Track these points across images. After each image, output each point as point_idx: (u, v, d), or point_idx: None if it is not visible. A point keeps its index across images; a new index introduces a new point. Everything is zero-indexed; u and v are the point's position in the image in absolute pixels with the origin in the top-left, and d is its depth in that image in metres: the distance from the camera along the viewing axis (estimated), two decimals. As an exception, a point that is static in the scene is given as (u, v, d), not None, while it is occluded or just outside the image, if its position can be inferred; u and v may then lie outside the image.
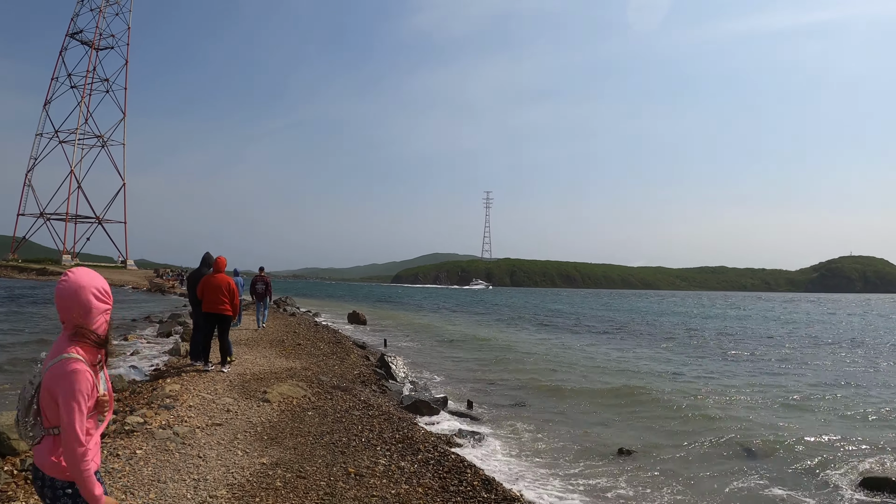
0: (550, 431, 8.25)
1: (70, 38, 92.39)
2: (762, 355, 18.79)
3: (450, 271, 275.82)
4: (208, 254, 9.76)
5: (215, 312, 9.14)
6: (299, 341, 14.70)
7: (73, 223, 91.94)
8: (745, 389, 12.16)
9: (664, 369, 15.20)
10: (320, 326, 19.69)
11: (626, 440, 7.91)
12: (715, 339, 24.73)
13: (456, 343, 20.15)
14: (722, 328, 31.20)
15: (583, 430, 8.43)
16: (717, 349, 20.54)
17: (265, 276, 16.81)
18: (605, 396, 11.12)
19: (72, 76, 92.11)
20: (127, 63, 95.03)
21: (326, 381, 9.08)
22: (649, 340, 23.72)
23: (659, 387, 12.05)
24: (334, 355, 12.30)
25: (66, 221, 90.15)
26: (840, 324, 37.05)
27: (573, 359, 16.78)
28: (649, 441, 8.00)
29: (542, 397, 11.01)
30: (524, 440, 7.74)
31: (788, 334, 27.81)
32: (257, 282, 16.70)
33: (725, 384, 12.89)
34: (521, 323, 33.63)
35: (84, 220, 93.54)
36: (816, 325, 34.93)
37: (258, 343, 14.06)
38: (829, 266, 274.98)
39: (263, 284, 16.56)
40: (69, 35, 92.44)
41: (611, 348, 20.40)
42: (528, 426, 8.44)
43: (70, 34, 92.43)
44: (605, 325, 32.73)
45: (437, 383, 11.77)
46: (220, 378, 8.90)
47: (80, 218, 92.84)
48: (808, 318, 43.43)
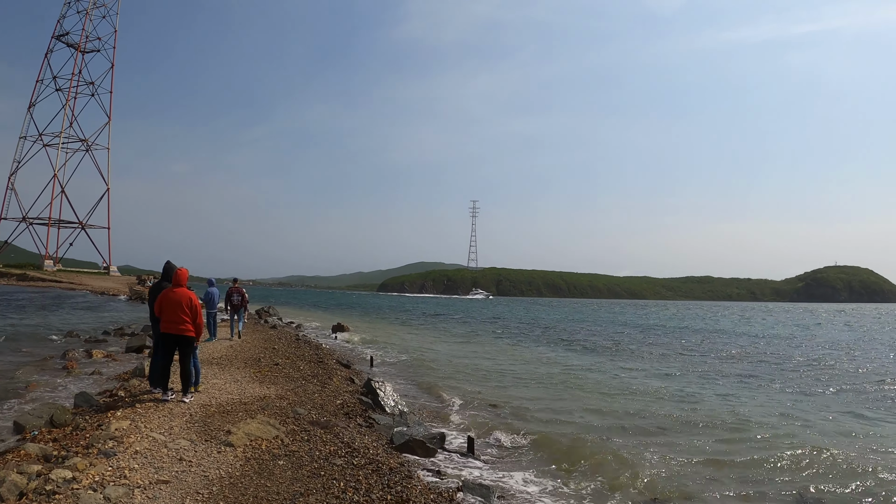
0: (577, 482, 7.00)
1: (56, 40, 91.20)
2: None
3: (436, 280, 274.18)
4: (169, 263, 8.48)
5: (175, 333, 7.86)
6: (277, 360, 13.39)
7: (55, 228, 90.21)
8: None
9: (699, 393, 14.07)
10: (302, 342, 18.35)
11: (661, 481, 6.73)
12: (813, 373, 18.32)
13: (453, 361, 18.71)
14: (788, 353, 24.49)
15: (612, 476, 7.17)
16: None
17: (240, 288, 16.87)
18: (649, 434, 9.76)
19: (57, 79, 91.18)
20: (113, 66, 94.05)
21: (304, 413, 7.81)
22: (682, 360, 20.91)
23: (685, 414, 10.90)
24: (315, 378, 11.01)
25: (48, 226, 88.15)
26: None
27: (598, 382, 15.15)
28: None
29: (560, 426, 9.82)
30: (544, 495, 6.49)
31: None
32: (232, 293, 16.72)
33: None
34: (526, 337, 31.51)
35: (67, 225, 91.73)
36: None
37: (232, 362, 12.74)
38: (815, 276, 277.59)
39: (238, 296, 16.62)
40: (55, 37, 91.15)
41: (642, 371, 17.88)
42: (545, 471, 7.22)
43: (56, 36, 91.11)
44: (623, 339, 30.44)
45: (431, 412, 10.53)
46: (179, 411, 7.61)
47: (63, 223, 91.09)
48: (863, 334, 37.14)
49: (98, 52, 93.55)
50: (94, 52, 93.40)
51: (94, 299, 46.72)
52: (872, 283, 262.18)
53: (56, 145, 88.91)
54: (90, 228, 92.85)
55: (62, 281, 67.76)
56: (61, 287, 62.51)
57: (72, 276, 75.62)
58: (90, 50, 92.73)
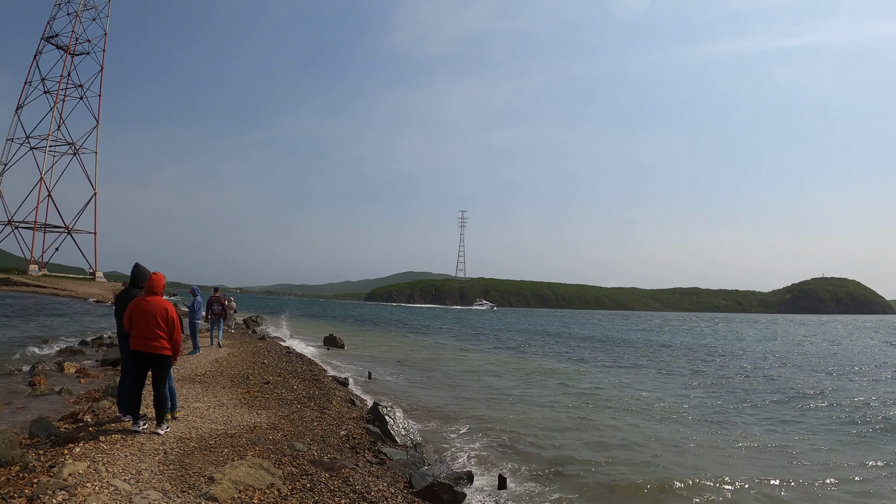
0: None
1: (45, 42, 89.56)
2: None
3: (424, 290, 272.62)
4: (139, 267, 7.14)
5: (147, 351, 6.52)
6: (268, 377, 12.04)
7: (41, 232, 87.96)
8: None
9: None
10: (293, 355, 16.97)
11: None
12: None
13: (460, 379, 17.22)
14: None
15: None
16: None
17: (221, 297, 17.09)
18: (684, 465, 8.70)
19: (45, 81, 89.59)
20: (102, 69, 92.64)
21: (303, 450, 6.51)
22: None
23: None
24: (312, 401, 9.67)
25: (34, 230, 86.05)
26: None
27: (618, 401, 13.96)
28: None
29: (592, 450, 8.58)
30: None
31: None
32: (213, 303, 16.83)
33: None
34: (536, 351, 29.47)
35: (53, 230, 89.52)
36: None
37: (216, 380, 11.37)
38: (802, 287, 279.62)
39: (219, 305, 16.81)
40: (44, 39, 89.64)
41: (665, 391, 16.30)
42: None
43: (45, 38, 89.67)
44: (635, 354, 29.00)
45: (449, 441, 9.23)
46: (151, 447, 6.27)
47: (49, 227, 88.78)
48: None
49: (87, 55, 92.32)
50: (84, 55, 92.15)
51: (77, 305, 44.87)
52: (859, 295, 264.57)
53: (43, 148, 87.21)
54: (76, 233, 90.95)
55: (46, 286, 65.85)
56: (44, 292, 60.50)
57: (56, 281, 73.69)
58: (80, 52, 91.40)
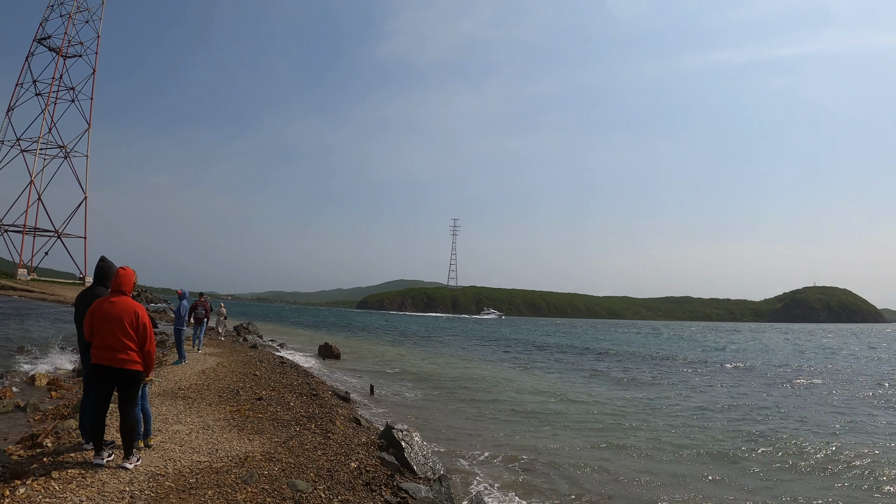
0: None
1: (38, 44, 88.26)
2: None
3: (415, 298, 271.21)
4: (105, 261, 5.82)
5: (111, 366, 5.19)
6: (260, 391, 10.72)
7: (31, 236, 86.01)
8: None
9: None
10: (287, 366, 15.61)
11: None
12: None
13: (471, 395, 15.78)
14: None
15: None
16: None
17: (205, 302, 17.26)
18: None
19: (37, 83, 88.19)
20: (94, 72, 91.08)
21: (307, 490, 5.22)
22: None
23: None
24: (312, 421, 8.34)
25: (23, 234, 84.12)
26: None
27: (646, 423, 12.61)
28: None
29: (643, 488, 7.33)
30: None
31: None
32: (197, 306, 16.92)
33: None
34: (551, 363, 27.65)
35: (43, 234, 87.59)
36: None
37: (202, 395, 10.04)
38: (793, 296, 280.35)
39: (203, 309, 16.95)
40: (37, 40, 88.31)
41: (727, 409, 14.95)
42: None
43: (38, 39, 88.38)
44: (652, 368, 27.28)
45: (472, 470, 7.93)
46: (114, 487, 4.96)
47: (38, 231, 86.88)
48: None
49: (80, 58, 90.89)
50: (76, 58, 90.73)
51: (64, 310, 43.20)
52: (850, 304, 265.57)
53: (34, 151, 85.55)
54: (66, 238, 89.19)
55: (34, 290, 64.20)
56: (32, 297, 58.93)
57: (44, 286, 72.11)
58: (72, 55, 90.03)
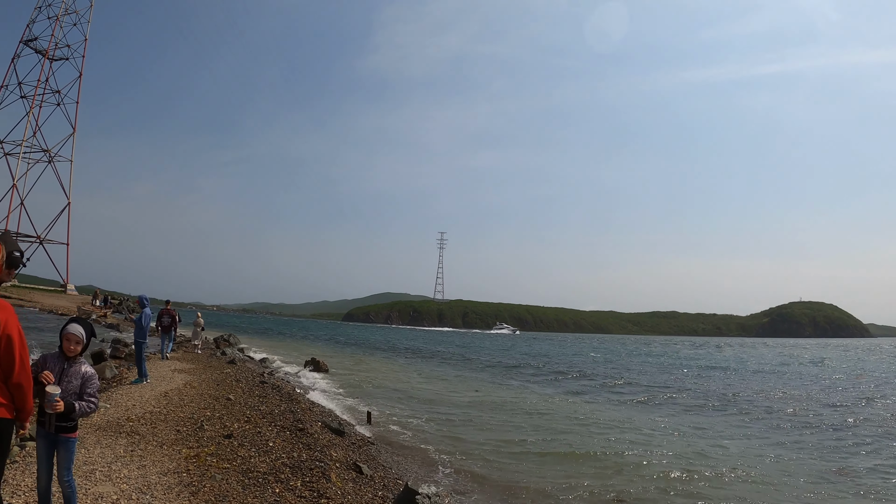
0: None
1: (24, 45, 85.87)
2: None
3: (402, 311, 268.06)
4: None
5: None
6: (232, 424, 8.43)
7: None
8: None
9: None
10: (268, 387, 13.29)
11: None
12: None
13: (485, 416, 13.57)
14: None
15: None
16: None
17: (172, 311, 16.51)
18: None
19: (22, 85, 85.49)
20: (81, 76, 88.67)
21: None
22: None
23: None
24: (298, 476, 6.06)
25: None
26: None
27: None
28: None
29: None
30: None
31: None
32: (163, 315, 16.38)
33: None
34: (575, 385, 24.51)
35: (25, 239, 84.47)
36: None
37: (155, 428, 7.76)
38: (780, 311, 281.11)
39: (169, 318, 16.33)
40: (23, 42, 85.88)
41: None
42: None
43: (24, 41, 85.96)
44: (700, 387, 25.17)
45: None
46: None
47: (20, 236, 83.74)
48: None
49: (66, 61, 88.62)
50: (63, 60, 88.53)
51: (40, 318, 40.40)
52: (837, 319, 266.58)
53: (17, 154, 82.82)
54: (48, 244, 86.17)
55: (12, 297, 61.76)
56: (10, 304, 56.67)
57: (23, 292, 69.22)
58: (59, 58, 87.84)
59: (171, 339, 17.27)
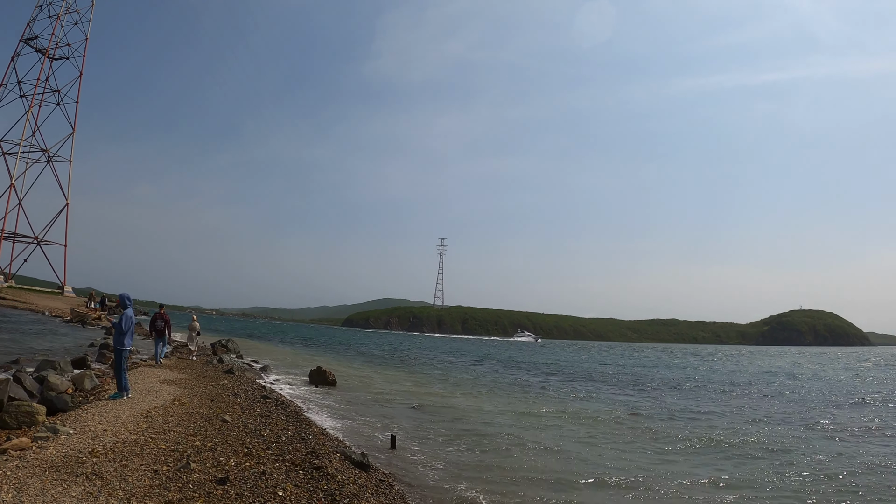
0: None
1: (24, 44, 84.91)
2: None
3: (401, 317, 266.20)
4: None
5: None
6: (227, 460, 6.53)
7: (9, 241, 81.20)
8: None
9: None
10: (272, 403, 11.37)
11: None
12: None
13: (531, 441, 11.52)
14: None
15: None
16: None
17: (165, 315, 16.52)
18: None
19: (22, 84, 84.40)
20: (81, 75, 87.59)
21: None
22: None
23: None
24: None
25: (1, 239, 79.25)
26: None
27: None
28: None
29: None
30: None
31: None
32: (157, 319, 16.38)
33: None
34: (627, 399, 21.40)
35: (22, 240, 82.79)
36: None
37: (126, 466, 5.88)
38: (780, 319, 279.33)
39: (163, 322, 16.30)
40: (23, 40, 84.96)
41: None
42: None
43: (24, 39, 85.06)
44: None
45: None
46: None
47: (17, 236, 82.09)
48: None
49: (67, 60, 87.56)
50: (63, 60, 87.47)
51: (34, 319, 38.44)
52: (837, 327, 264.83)
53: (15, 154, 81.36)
54: (46, 245, 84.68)
55: (6, 298, 61.06)
56: (4, 305, 55.77)
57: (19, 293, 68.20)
58: (59, 57, 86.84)
59: (164, 342, 17.06)
